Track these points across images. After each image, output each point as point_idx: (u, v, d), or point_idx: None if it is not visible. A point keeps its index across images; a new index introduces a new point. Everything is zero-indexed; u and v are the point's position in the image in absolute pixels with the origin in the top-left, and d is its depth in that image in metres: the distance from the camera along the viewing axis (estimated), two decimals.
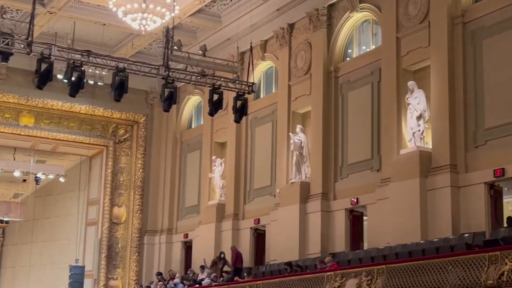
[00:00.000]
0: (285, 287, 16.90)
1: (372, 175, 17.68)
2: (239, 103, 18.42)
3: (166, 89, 17.94)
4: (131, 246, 24.86)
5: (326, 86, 19.21)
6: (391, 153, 16.99)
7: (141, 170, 25.30)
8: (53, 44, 16.30)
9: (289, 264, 17.65)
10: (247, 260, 20.90)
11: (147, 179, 25.40)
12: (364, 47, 19.28)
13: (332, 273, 15.60)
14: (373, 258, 15.80)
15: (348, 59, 19.38)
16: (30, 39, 16.06)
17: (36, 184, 26.03)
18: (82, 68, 16.96)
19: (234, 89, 18.57)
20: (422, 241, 15.36)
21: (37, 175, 25.66)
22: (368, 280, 14.50)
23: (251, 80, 19.26)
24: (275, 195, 20.31)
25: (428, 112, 16.42)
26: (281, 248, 19.40)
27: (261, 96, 22.15)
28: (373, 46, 18.76)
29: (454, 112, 15.88)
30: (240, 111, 18.56)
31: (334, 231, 18.52)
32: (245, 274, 19.22)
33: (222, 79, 18.53)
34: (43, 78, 16.66)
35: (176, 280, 21.63)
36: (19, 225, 27.99)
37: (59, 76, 18.40)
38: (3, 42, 15.81)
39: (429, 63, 16.69)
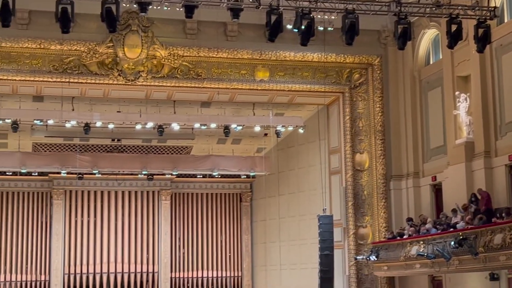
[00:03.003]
0: None
1: None
2: (480, 31, 17.41)
3: (399, 26, 17.40)
4: (377, 192, 24.32)
5: None
6: None
7: (380, 114, 24.54)
8: None
9: None
10: (504, 199, 19.50)
11: (387, 123, 24.60)
12: None
13: None
14: None
15: None
16: None
17: (277, 137, 26.38)
18: (311, 15, 16.81)
19: (473, 17, 17.44)
20: None
21: (277, 128, 25.95)
22: None
23: (492, 4, 17.83)
24: None
25: None
26: None
27: (505, 20, 20.08)
28: None
29: None
30: (483, 40, 17.54)
31: None
32: (503, 215, 18.01)
33: (459, 7, 17.49)
34: (274, 30, 16.78)
35: (428, 225, 20.86)
36: (265, 179, 28.74)
37: (289, 27, 18.19)
38: None
39: None
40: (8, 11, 15.81)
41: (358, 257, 23.91)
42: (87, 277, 28.87)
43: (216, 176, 28.82)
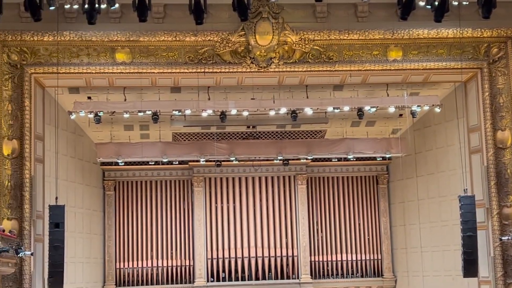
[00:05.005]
0: None
1: None
2: None
3: None
4: None
5: None
6: None
7: None
8: None
9: None
10: None
11: None
12: None
13: None
14: None
15: None
16: None
17: (413, 117, 25.84)
18: None
19: None
20: None
21: (412, 108, 25.40)
22: None
23: None
24: None
25: None
26: None
27: None
28: None
29: None
30: None
31: None
32: None
33: None
34: (406, 8, 16.50)
35: None
36: (402, 160, 28.27)
37: (421, 3, 17.77)
38: None
39: None
40: (145, 6, 16.45)
41: (503, 238, 23.06)
42: (229, 262, 29.59)
43: (352, 159, 28.63)
